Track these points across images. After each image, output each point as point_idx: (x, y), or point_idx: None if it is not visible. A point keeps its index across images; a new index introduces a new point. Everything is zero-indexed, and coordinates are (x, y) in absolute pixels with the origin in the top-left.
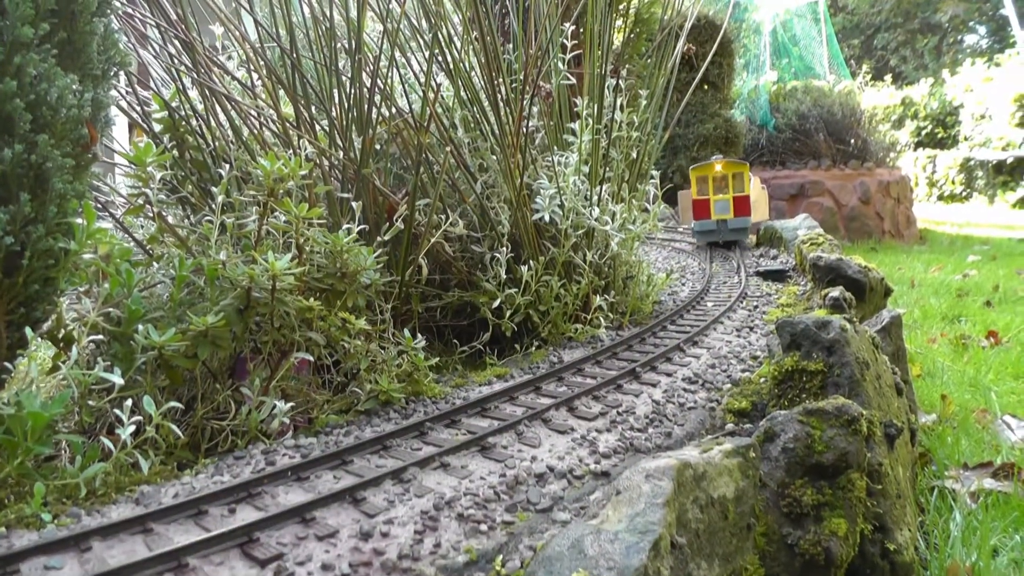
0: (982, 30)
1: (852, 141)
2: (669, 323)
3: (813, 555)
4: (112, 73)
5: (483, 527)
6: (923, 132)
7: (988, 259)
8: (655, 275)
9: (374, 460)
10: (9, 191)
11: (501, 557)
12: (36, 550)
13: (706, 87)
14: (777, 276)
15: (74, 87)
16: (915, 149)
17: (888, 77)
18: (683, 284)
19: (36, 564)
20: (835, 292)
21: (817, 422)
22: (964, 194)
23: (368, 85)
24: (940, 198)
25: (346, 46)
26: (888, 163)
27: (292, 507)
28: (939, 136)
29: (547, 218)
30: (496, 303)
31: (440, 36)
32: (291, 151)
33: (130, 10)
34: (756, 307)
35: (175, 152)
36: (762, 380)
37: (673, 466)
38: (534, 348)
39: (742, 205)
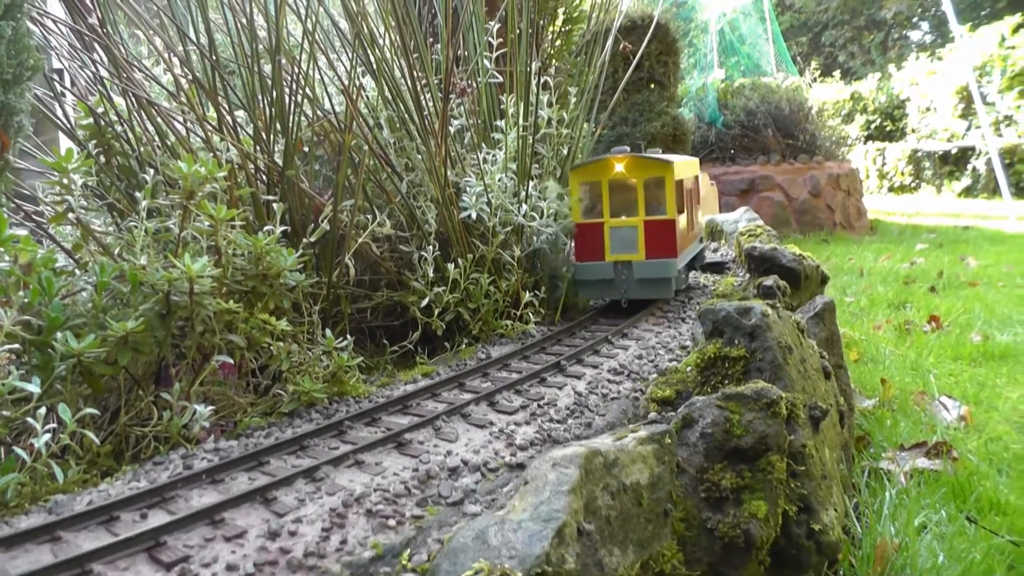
0: (925, 26)
1: (801, 136)
2: (601, 316)
3: (732, 538)
4: (25, 77)
5: (391, 522)
6: (872, 125)
7: (935, 247)
8: None
9: (290, 460)
10: None
11: (408, 551)
12: None
13: (652, 86)
14: (716, 268)
15: None
16: (865, 142)
17: (837, 73)
18: None
19: None
20: (768, 281)
21: (736, 406)
22: (913, 185)
23: (290, 86)
24: (890, 189)
25: (267, 47)
26: (838, 157)
27: (201, 509)
28: (888, 129)
29: (474, 215)
30: (425, 302)
31: (362, 36)
32: (214, 154)
33: (40, 15)
34: (691, 298)
35: (101, 158)
36: (688, 369)
37: (581, 454)
38: (464, 346)
39: (662, 236)
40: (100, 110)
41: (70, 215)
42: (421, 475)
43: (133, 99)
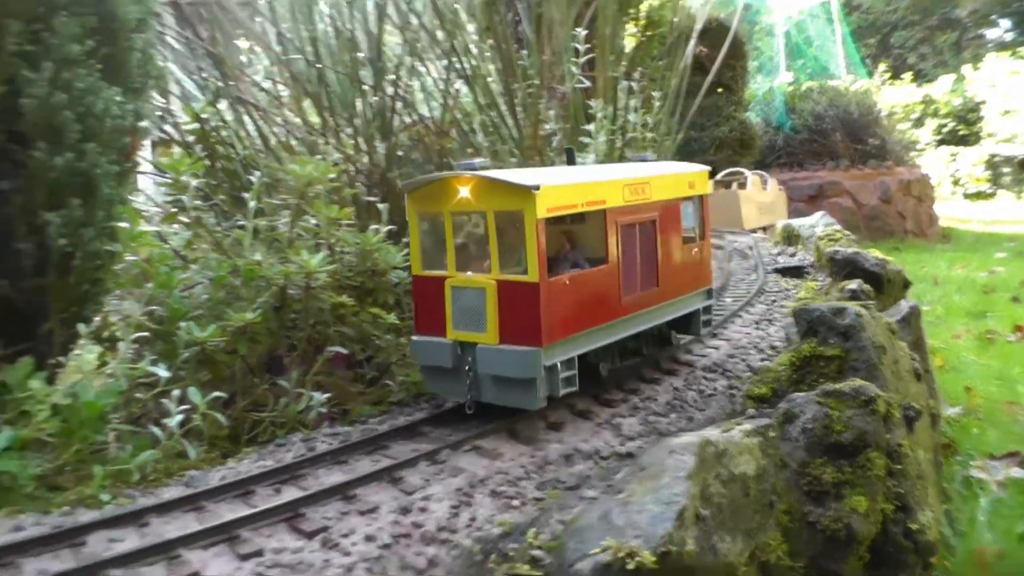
0: (1005, 23)
1: (870, 141)
2: None
3: (835, 532)
4: (150, 86)
5: (515, 503)
6: (945, 129)
7: (1015, 255)
8: None
9: (409, 444)
10: (62, 196)
11: (534, 530)
12: (100, 524)
13: (720, 90)
14: (795, 272)
15: (117, 99)
16: (937, 147)
17: (907, 75)
18: None
19: (101, 537)
20: (853, 284)
21: (835, 403)
22: (990, 191)
23: (390, 93)
24: (965, 196)
25: (368, 56)
26: (908, 161)
27: (333, 486)
28: (961, 133)
29: None
30: None
31: (456, 45)
32: (318, 157)
33: (161, 28)
34: (774, 301)
35: (207, 161)
36: (781, 368)
37: (695, 442)
38: None
39: (521, 309)
40: (205, 116)
41: (181, 215)
42: (539, 461)
43: (240, 105)
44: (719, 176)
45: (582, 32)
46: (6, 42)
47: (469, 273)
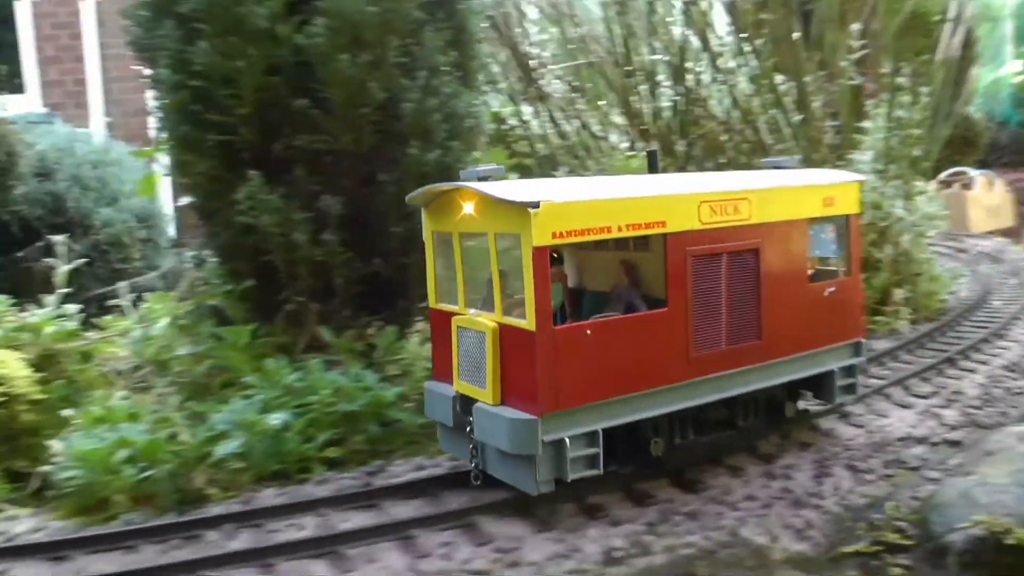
0: None
1: None
2: (962, 319)
3: None
4: (484, 88)
5: (868, 477)
6: None
7: None
8: (941, 274)
9: None
10: None
11: (892, 503)
12: None
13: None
14: None
15: (474, 102)
16: None
17: None
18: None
19: None
20: None
21: None
22: None
23: (688, 93)
24: None
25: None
26: None
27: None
28: None
29: None
30: None
31: (745, 46)
32: (628, 154)
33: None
34: None
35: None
36: None
37: None
38: None
39: (522, 363)
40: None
41: None
42: (877, 441)
43: (540, 104)
44: (941, 176)
45: (857, 28)
46: (388, 55)
47: (472, 311)
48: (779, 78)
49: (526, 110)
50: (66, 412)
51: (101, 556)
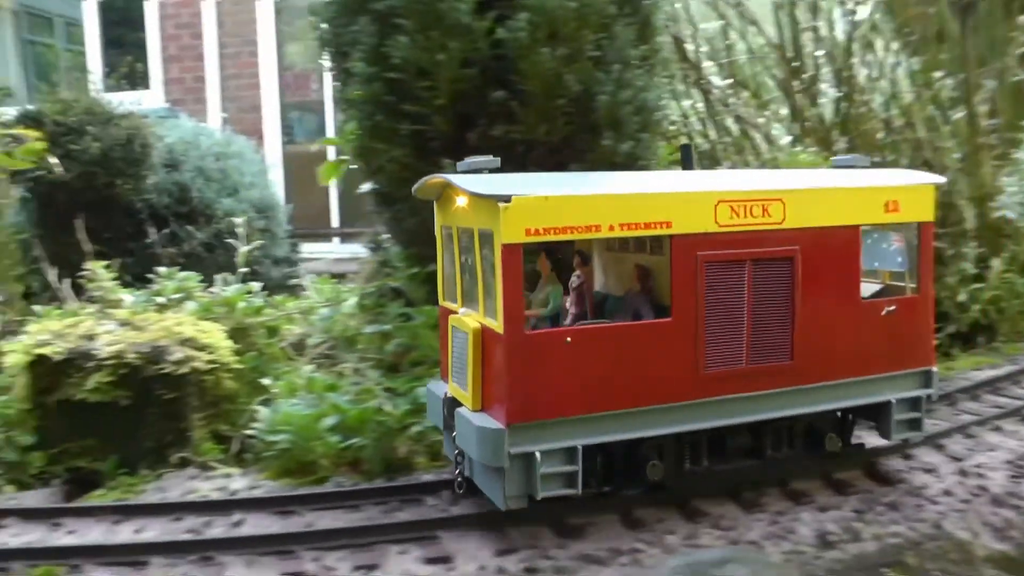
0: None
1: None
2: None
3: None
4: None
5: None
6: None
7: None
8: None
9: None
10: None
11: None
12: None
13: None
14: None
15: (662, 94)
16: None
17: None
18: None
19: None
20: None
21: None
22: None
23: (850, 90)
24: None
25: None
26: None
27: None
28: None
29: (1011, 215)
30: (962, 297)
31: (902, 42)
32: (796, 149)
33: None
34: None
35: None
36: None
37: None
38: (993, 343)
39: (495, 367)
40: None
41: None
42: None
43: (704, 98)
44: None
45: None
46: (583, 48)
47: (462, 311)
48: (938, 74)
49: (685, 104)
50: (264, 381)
51: (326, 512)
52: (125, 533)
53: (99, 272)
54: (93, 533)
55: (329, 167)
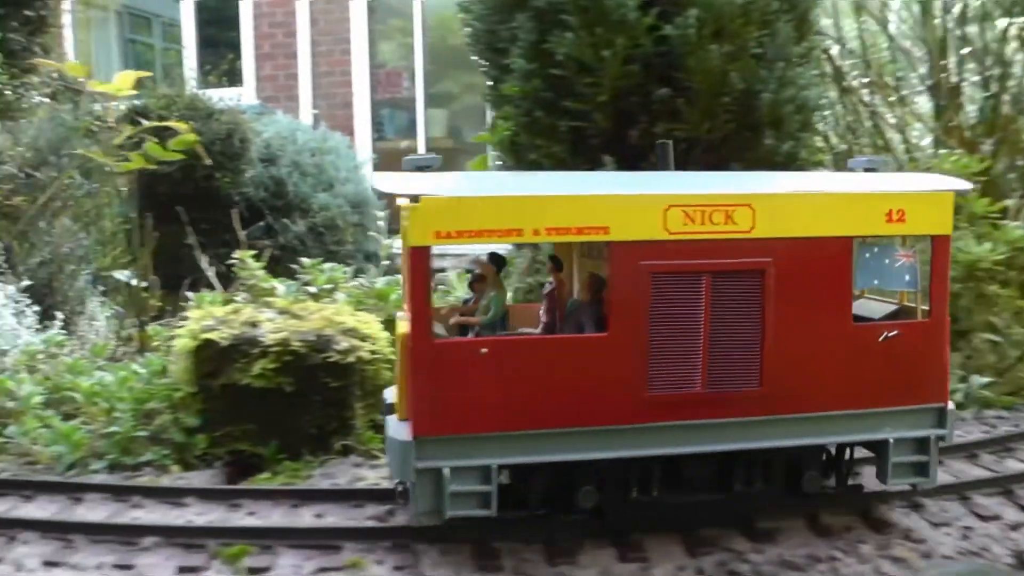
0: None
1: None
2: None
3: None
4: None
5: None
6: None
7: None
8: None
9: None
10: None
11: None
12: None
13: None
14: None
15: (826, 93)
16: None
17: None
18: None
19: None
20: None
21: None
22: None
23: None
24: None
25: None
26: None
27: None
28: None
29: None
30: None
31: None
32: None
33: None
34: None
35: None
36: None
37: None
38: None
39: (410, 373)
40: None
41: None
42: None
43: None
44: None
45: None
46: (748, 45)
47: (398, 315)
48: None
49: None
50: None
51: None
52: (307, 517)
53: (248, 261)
54: (274, 515)
55: (478, 163)
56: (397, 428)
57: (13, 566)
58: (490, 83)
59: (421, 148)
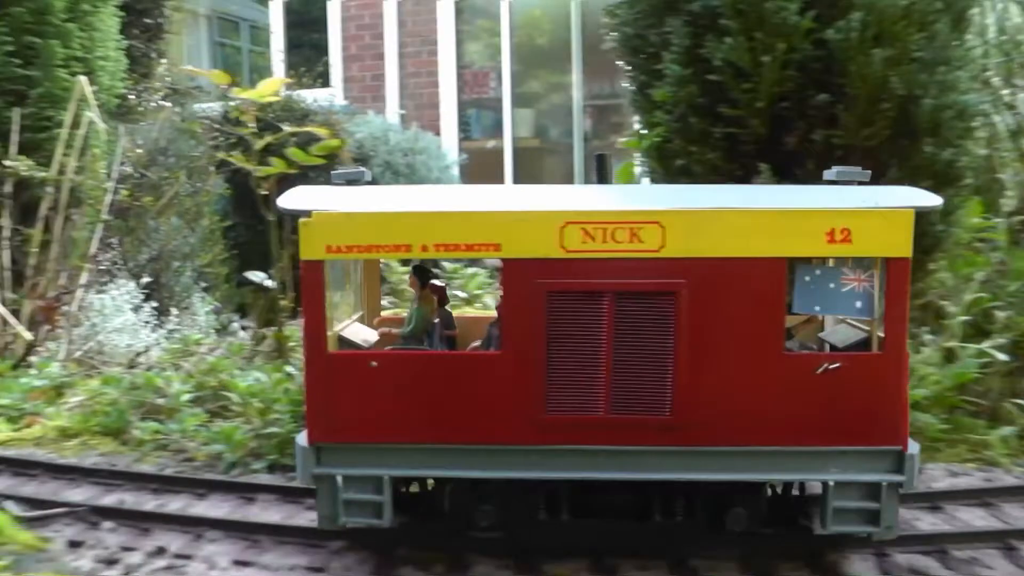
0: None
1: None
2: None
3: None
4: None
5: None
6: None
7: None
8: None
9: None
10: (940, 187)
11: None
12: None
13: None
14: None
15: (983, 98)
16: None
17: None
18: None
19: None
20: None
21: None
22: None
23: None
24: None
25: None
26: None
27: None
28: None
29: None
30: None
31: None
32: None
33: None
34: None
35: None
36: None
37: None
38: None
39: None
40: None
41: None
42: None
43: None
44: None
45: None
46: (909, 49)
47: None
48: None
49: None
50: None
51: None
52: None
53: (393, 265)
54: None
55: (624, 169)
56: (302, 434)
57: (206, 564)
58: (635, 88)
59: (508, 148)
